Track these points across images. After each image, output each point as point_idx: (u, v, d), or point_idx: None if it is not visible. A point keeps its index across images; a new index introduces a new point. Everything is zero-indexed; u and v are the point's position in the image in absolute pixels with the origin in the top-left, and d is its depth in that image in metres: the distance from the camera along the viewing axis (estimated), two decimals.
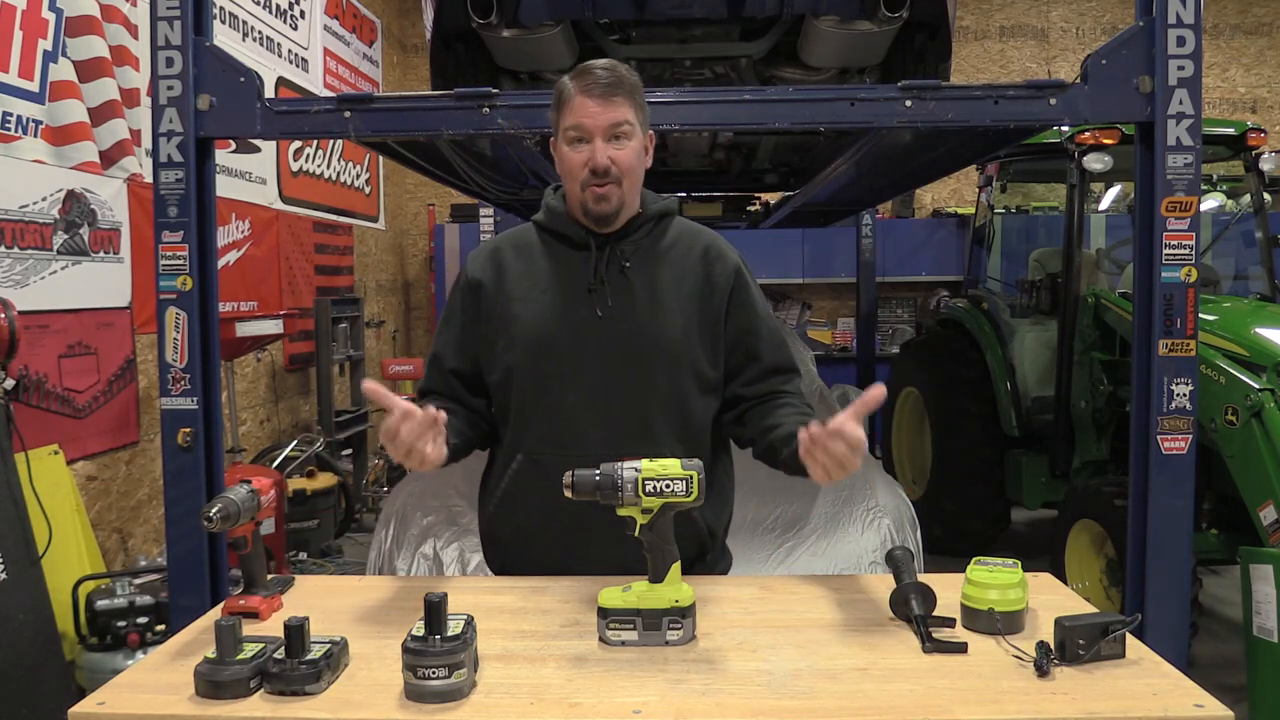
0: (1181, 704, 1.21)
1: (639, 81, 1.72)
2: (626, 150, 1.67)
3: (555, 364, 1.71)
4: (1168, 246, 2.36)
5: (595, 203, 1.68)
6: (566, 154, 1.69)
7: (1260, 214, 4.50)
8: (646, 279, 1.74)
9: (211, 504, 1.49)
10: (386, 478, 6.53)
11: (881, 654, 1.36)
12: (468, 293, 1.80)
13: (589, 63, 1.70)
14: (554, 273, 1.76)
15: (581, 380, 1.70)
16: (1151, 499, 2.38)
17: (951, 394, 5.19)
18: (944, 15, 2.87)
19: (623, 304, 1.72)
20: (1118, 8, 8.21)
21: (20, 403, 3.21)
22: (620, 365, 1.70)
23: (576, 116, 1.66)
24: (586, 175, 1.67)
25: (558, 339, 1.71)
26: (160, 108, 2.40)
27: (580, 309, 1.72)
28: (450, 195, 7.40)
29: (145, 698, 1.25)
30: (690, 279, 1.76)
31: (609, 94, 1.65)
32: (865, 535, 3.06)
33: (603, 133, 1.65)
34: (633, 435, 1.63)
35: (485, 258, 1.81)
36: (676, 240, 1.80)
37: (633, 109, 1.68)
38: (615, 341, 1.71)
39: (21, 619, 2.78)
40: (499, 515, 1.81)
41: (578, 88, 1.66)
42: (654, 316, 1.72)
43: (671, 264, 1.76)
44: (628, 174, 1.68)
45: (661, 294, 1.73)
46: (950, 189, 8.44)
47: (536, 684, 1.27)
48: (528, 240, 1.81)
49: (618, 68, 1.69)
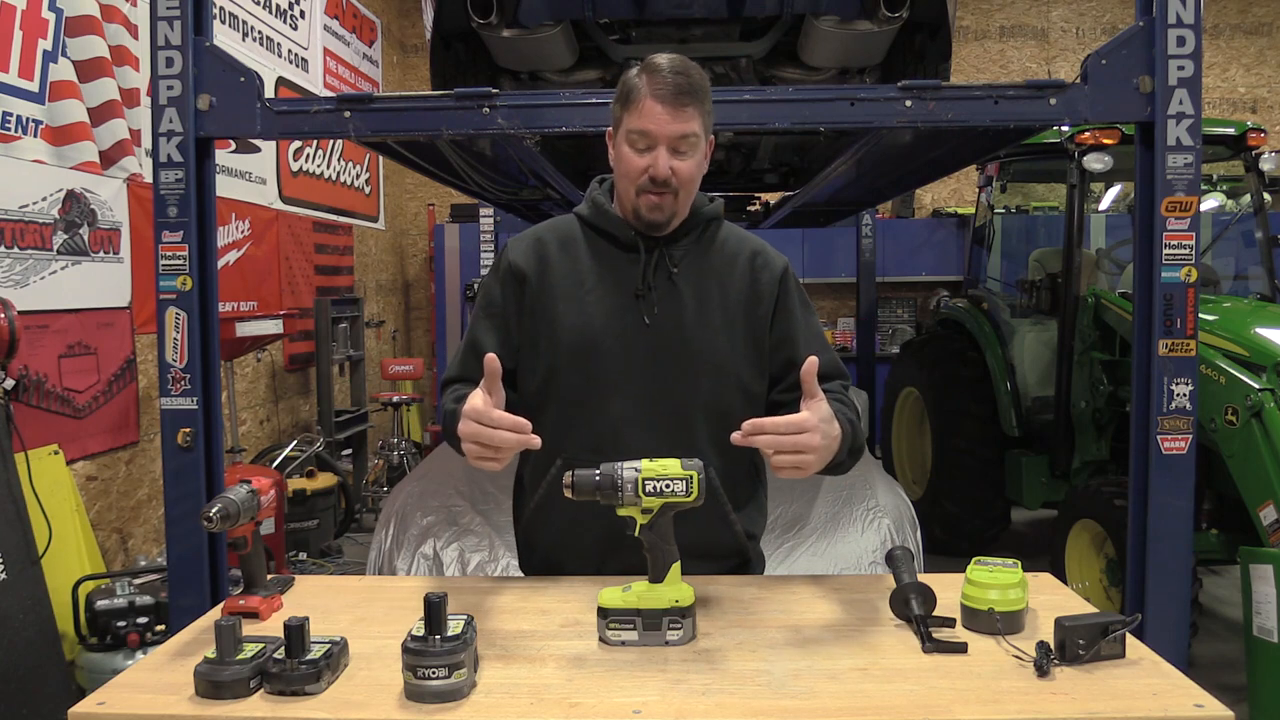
0: (1181, 704, 1.21)
1: (708, 85, 1.65)
2: (689, 163, 1.62)
3: (600, 369, 1.67)
4: (1168, 246, 2.36)
5: (649, 211, 1.64)
6: (627, 155, 1.63)
7: (1260, 214, 4.51)
8: (694, 286, 1.70)
9: (211, 504, 1.49)
10: (386, 478, 6.53)
11: (881, 654, 1.36)
12: (510, 281, 1.73)
13: (659, 58, 1.62)
14: (600, 273, 1.71)
15: (626, 387, 1.67)
16: (1151, 499, 2.38)
17: (951, 394, 5.19)
18: (944, 15, 2.87)
19: (670, 312, 1.68)
20: (1118, 8, 8.21)
21: (20, 403, 3.21)
22: (666, 374, 1.67)
23: (644, 121, 1.59)
24: (645, 181, 1.62)
25: (603, 344, 1.67)
26: (160, 108, 2.40)
27: (627, 314, 1.68)
28: (450, 195, 7.40)
29: (145, 698, 1.25)
30: (737, 287, 1.72)
31: (681, 103, 1.58)
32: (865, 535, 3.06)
33: (668, 142, 1.60)
34: (675, 444, 1.56)
35: (528, 246, 1.75)
36: (724, 246, 1.75)
37: (701, 118, 1.62)
38: (662, 350, 1.67)
39: (21, 619, 2.78)
40: (536, 520, 1.78)
41: (649, 89, 1.59)
42: (701, 326, 1.68)
43: (719, 271, 1.73)
44: (685, 185, 1.63)
45: (708, 303, 1.70)
46: (950, 189, 8.44)
47: (536, 684, 1.27)
48: (571, 234, 1.75)
49: (690, 70, 1.61)
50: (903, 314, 8.44)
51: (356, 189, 7.31)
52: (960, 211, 8.00)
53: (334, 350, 6.04)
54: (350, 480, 5.85)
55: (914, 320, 8.41)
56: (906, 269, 8.04)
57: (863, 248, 7.21)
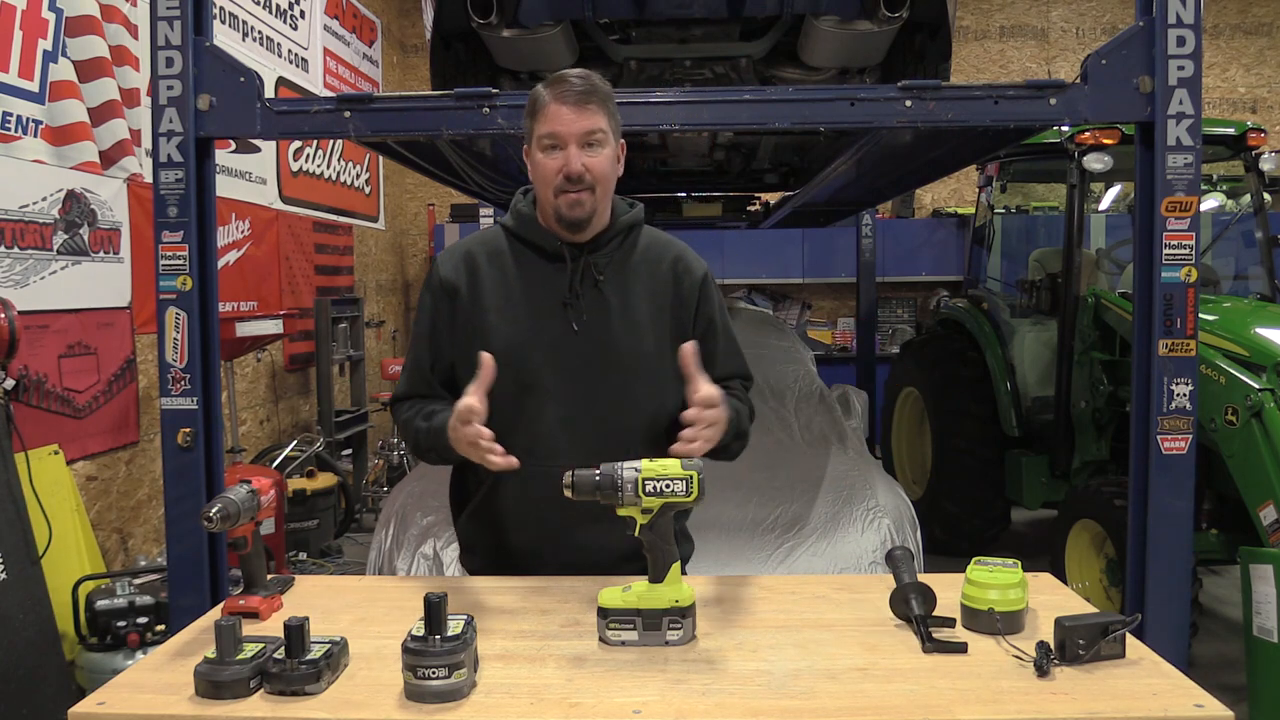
0: (1181, 704, 1.21)
1: (611, 90, 1.74)
2: (600, 157, 1.69)
3: (531, 377, 1.74)
4: (1168, 246, 2.36)
5: (569, 209, 1.70)
6: (540, 160, 1.71)
7: (1260, 214, 4.50)
8: (619, 293, 1.77)
9: (211, 504, 1.49)
10: (386, 478, 6.53)
11: (881, 654, 1.36)
12: (441, 296, 1.80)
13: (562, 71, 1.72)
14: (527, 283, 1.77)
15: (557, 394, 1.74)
16: (1151, 499, 2.38)
17: (951, 394, 5.19)
18: (944, 15, 2.87)
19: (597, 318, 1.75)
20: (1118, 8, 8.21)
21: (20, 403, 3.21)
22: (596, 380, 1.74)
23: (551, 124, 1.68)
24: (560, 181, 1.68)
25: (533, 353, 1.74)
26: (160, 108, 2.40)
27: (556, 323, 1.75)
28: (450, 195, 7.40)
29: (145, 698, 1.25)
30: (661, 292, 1.80)
31: (583, 101, 1.67)
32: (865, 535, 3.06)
33: (577, 140, 1.67)
34: (608, 448, 1.62)
35: (458, 260, 1.81)
36: (646, 251, 1.82)
37: (606, 117, 1.70)
38: (591, 356, 1.74)
39: (21, 619, 2.77)
40: (472, 525, 1.86)
41: (551, 95, 1.68)
42: (628, 331, 1.76)
43: (643, 277, 1.80)
44: (601, 181, 1.70)
45: (634, 308, 1.77)
46: (950, 189, 8.43)
47: (536, 684, 1.27)
48: (499, 246, 1.82)
49: (591, 76, 1.71)
50: (903, 314, 8.44)
51: (356, 189, 7.31)
52: (960, 211, 8.00)
53: (334, 350, 6.04)
54: (350, 480, 5.85)
55: (914, 320, 8.41)
56: (906, 269, 8.04)
57: (863, 248, 7.21)
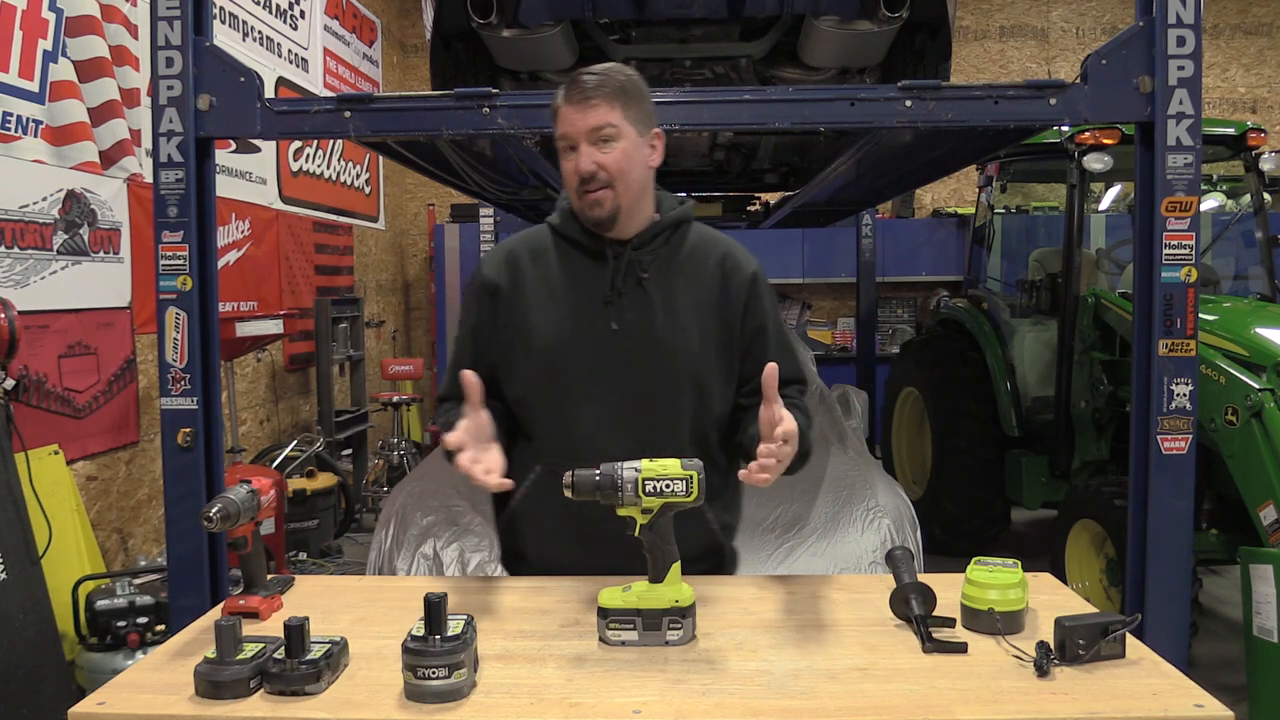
0: (1181, 704, 1.21)
1: (629, 81, 1.68)
2: (614, 153, 1.65)
3: (572, 377, 1.70)
4: (1168, 246, 2.36)
5: (590, 209, 1.67)
6: (562, 166, 1.70)
7: (1260, 214, 4.50)
8: (664, 291, 1.72)
9: (211, 504, 1.49)
10: (386, 478, 6.53)
11: (881, 654, 1.36)
12: (484, 296, 1.78)
13: (581, 69, 1.69)
14: (570, 281, 1.74)
15: (598, 394, 1.70)
16: (1151, 499, 2.38)
17: (951, 394, 5.19)
18: (944, 15, 2.87)
19: (640, 317, 1.70)
20: (1118, 8, 8.21)
21: (20, 403, 3.21)
22: (637, 380, 1.69)
23: (562, 126, 1.66)
24: (578, 183, 1.66)
25: (574, 352, 1.70)
26: (160, 108, 2.40)
27: (597, 321, 1.70)
28: (450, 195, 7.40)
29: (145, 698, 1.25)
30: (707, 290, 1.74)
31: (587, 98, 1.64)
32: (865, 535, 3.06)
33: (585, 138, 1.64)
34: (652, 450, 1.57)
35: (501, 261, 1.79)
36: (694, 249, 1.77)
37: (617, 109, 1.65)
38: (632, 356, 1.69)
39: (21, 619, 2.77)
40: (513, 528, 1.82)
41: (562, 97, 1.67)
42: (671, 331, 1.70)
43: (689, 275, 1.74)
44: (619, 177, 1.65)
45: (678, 307, 1.72)
46: (950, 189, 8.43)
47: (536, 684, 1.27)
48: (543, 244, 1.79)
49: (607, 70, 1.67)
50: (903, 314, 8.44)
51: (356, 189, 7.31)
52: (960, 211, 8.00)
53: (334, 350, 6.04)
54: (350, 480, 5.84)
55: (914, 320, 8.41)
56: (906, 269, 8.04)
57: (863, 248, 7.20)
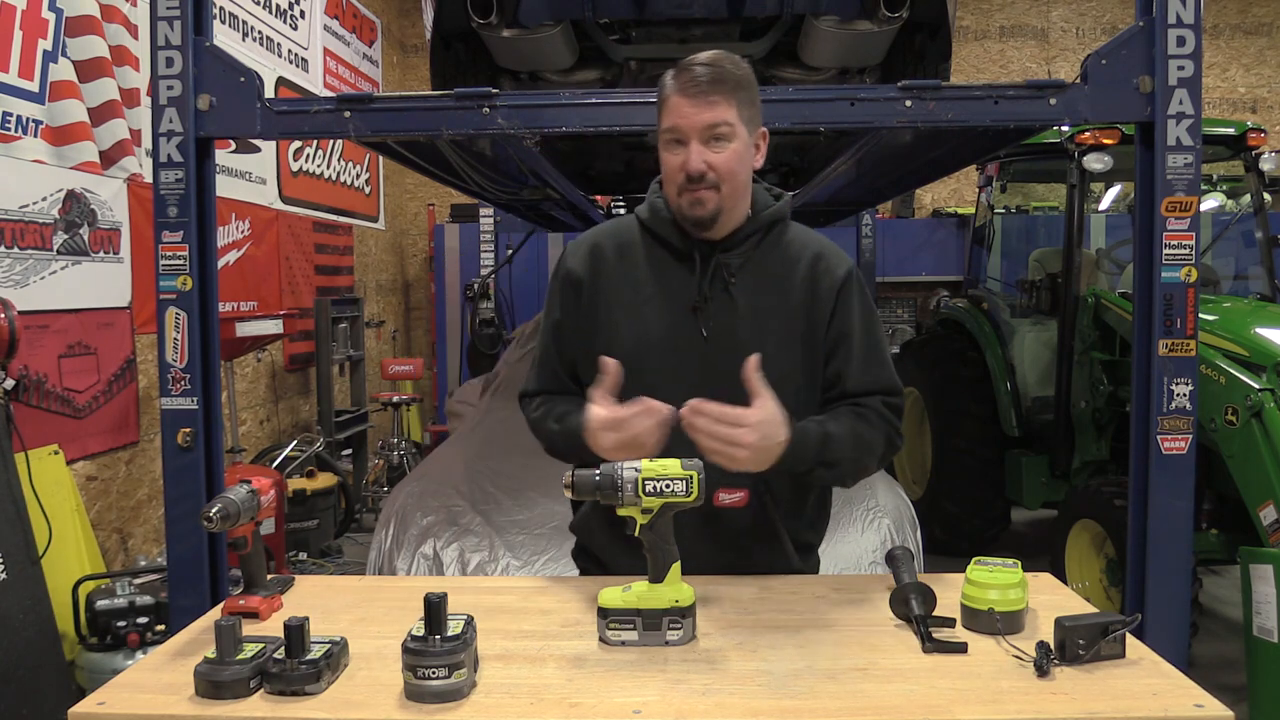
0: (1181, 704, 1.21)
1: (746, 75, 1.62)
2: (726, 153, 1.58)
3: (655, 383, 1.62)
4: (1168, 246, 2.36)
5: (690, 208, 1.61)
6: (665, 157, 1.62)
7: (1260, 214, 4.51)
8: (750, 296, 1.67)
9: (211, 504, 1.48)
10: (386, 478, 6.53)
11: (881, 654, 1.36)
12: (567, 289, 1.73)
13: (691, 58, 1.61)
14: (656, 281, 1.69)
15: (678, 403, 1.61)
16: (1151, 499, 2.38)
17: (951, 394, 5.19)
18: (944, 15, 2.87)
19: (727, 325, 1.66)
20: (1118, 8, 8.22)
21: (20, 403, 3.21)
22: (720, 390, 1.61)
23: (673, 118, 1.59)
24: (682, 180, 1.59)
25: (659, 357, 1.65)
26: (160, 108, 2.40)
27: (684, 327, 1.66)
28: (450, 195, 7.40)
29: (145, 698, 1.25)
30: (796, 295, 1.68)
31: (706, 93, 1.56)
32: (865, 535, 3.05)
33: (699, 135, 1.57)
34: None
35: (585, 252, 1.74)
36: (785, 251, 1.71)
37: (735, 107, 1.58)
38: (718, 365, 1.63)
39: (21, 619, 2.78)
40: (587, 523, 1.79)
41: (675, 87, 1.58)
42: (755, 340, 1.63)
43: (778, 279, 1.68)
44: (727, 179, 1.59)
45: (766, 314, 1.66)
46: (950, 189, 8.43)
47: (536, 684, 1.27)
48: (630, 238, 1.73)
49: (722, 62, 1.60)
50: (903, 314, 8.44)
51: (356, 189, 7.31)
52: (960, 211, 8.00)
53: (334, 350, 6.04)
54: (350, 480, 5.85)
55: (914, 320, 8.41)
56: (906, 269, 8.04)
57: (863, 248, 7.20)
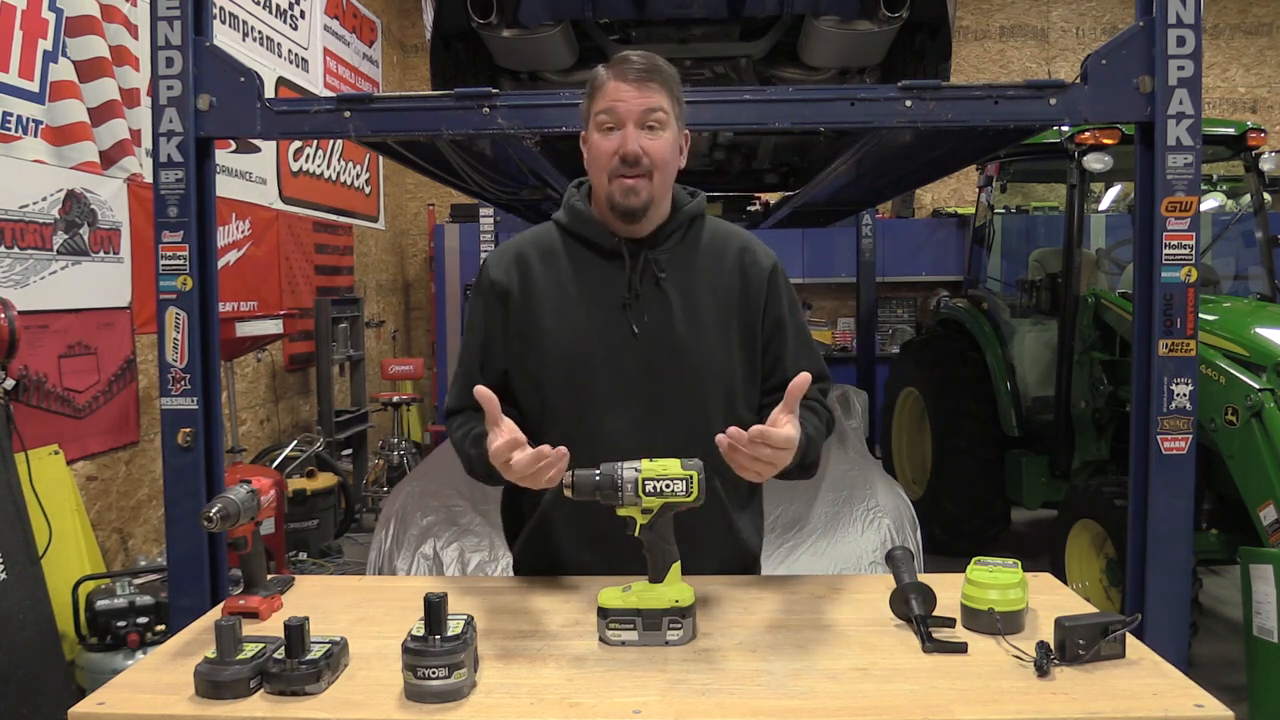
0: (1181, 704, 1.21)
1: (676, 74, 1.63)
2: (660, 141, 1.58)
3: (593, 385, 1.62)
4: (1168, 246, 2.36)
5: (623, 195, 1.58)
6: (596, 141, 1.60)
7: (1260, 214, 4.50)
8: (682, 291, 1.65)
9: (211, 504, 1.49)
10: (386, 478, 6.53)
11: (881, 654, 1.36)
12: (492, 300, 1.69)
13: (625, 52, 1.62)
14: (584, 283, 1.66)
15: (622, 401, 1.62)
16: (1151, 499, 2.38)
17: (951, 394, 5.19)
18: (944, 15, 2.87)
19: (660, 319, 1.64)
20: (1118, 8, 8.21)
21: (20, 403, 3.21)
22: (661, 385, 1.63)
23: (609, 100, 1.58)
24: (616, 164, 1.57)
25: (594, 358, 1.63)
26: (160, 108, 2.40)
27: (616, 325, 1.63)
28: (450, 195, 7.40)
29: (145, 698, 1.25)
30: (726, 287, 1.68)
31: (644, 79, 1.57)
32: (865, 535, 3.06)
33: (636, 119, 1.56)
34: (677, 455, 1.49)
35: (510, 262, 1.70)
36: (710, 244, 1.70)
37: (669, 98, 1.59)
38: (654, 360, 1.62)
39: (21, 619, 2.78)
40: (533, 543, 1.73)
41: (612, 73, 1.59)
42: (693, 332, 1.64)
43: (707, 272, 1.68)
44: (660, 167, 1.59)
45: (698, 307, 1.65)
46: (950, 189, 8.43)
47: (536, 684, 1.27)
48: (552, 244, 1.70)
49: (655, 58, 1.61)
50: (903, 314, 8.44)
51: (356, 189, 7.31)
52: (960, 211, 8.00)
53: (334, 350, 6.04)
54: (350, 480, 5.85)
55: (914, 320, 8.41)
56: (906, 269, 8.04)
57: (863, 248, 7.21)
